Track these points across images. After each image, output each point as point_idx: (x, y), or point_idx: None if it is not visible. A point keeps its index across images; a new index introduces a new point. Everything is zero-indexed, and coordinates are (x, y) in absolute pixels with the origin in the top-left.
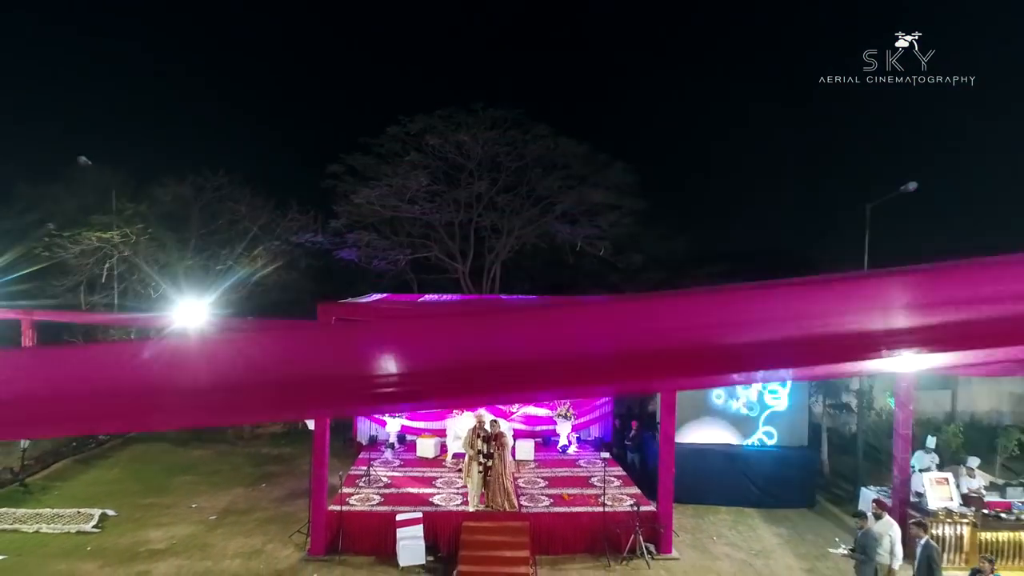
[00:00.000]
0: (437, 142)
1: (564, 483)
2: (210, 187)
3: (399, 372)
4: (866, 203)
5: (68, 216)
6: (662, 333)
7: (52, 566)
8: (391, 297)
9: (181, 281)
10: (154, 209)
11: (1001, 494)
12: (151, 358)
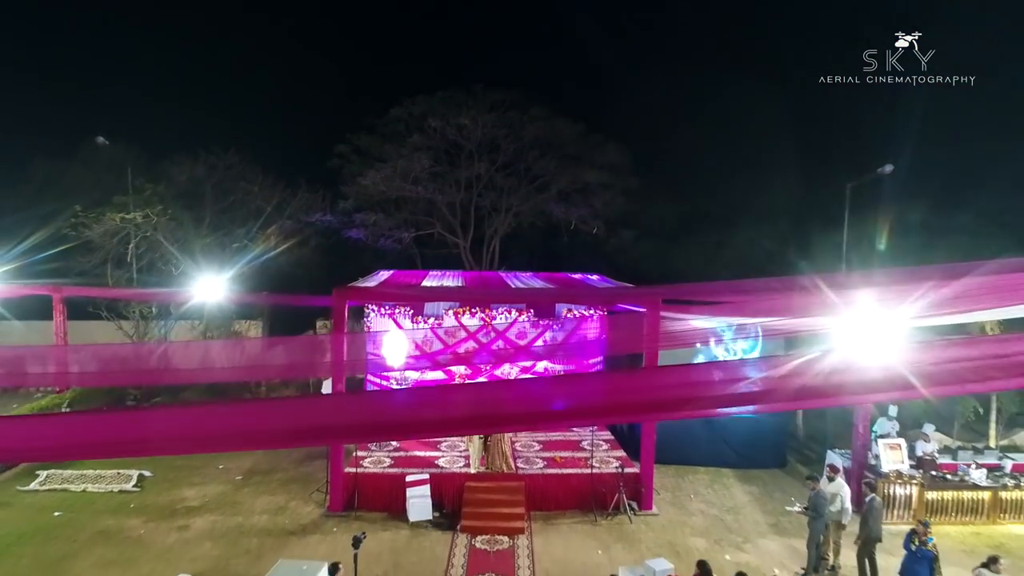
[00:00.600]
0: (439, 124)
1: (556, 447)
2: (222, 166)
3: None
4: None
5: (86, 193)
6: (640, 392)
7: (102, 521)
8: (397, 275)
9: (199, 258)
10: (170, 188)
11: (953, 457)
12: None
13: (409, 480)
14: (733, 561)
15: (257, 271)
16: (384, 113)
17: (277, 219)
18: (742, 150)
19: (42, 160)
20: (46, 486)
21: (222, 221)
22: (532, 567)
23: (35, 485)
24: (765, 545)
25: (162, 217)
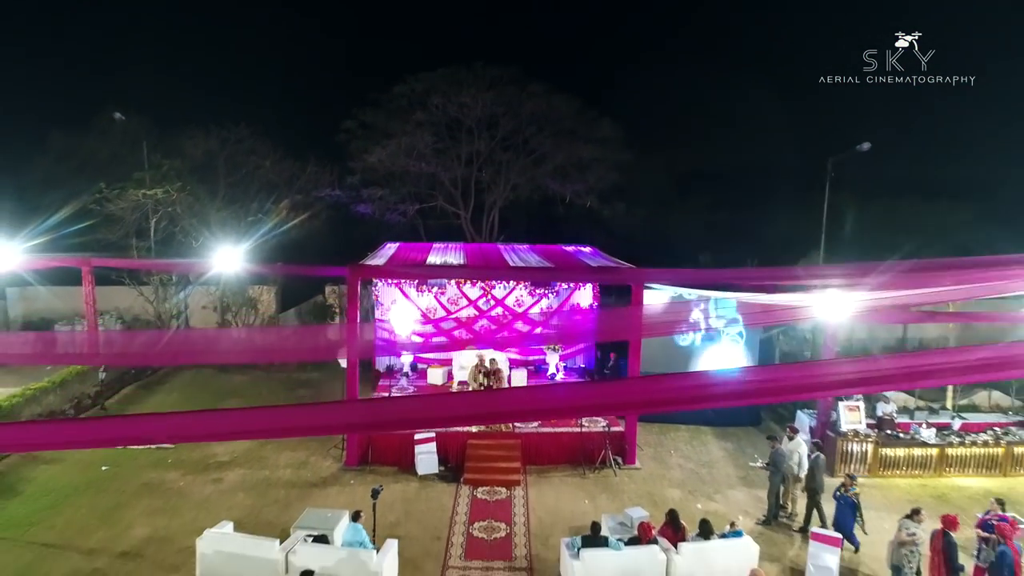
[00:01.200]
0: (440, 102)
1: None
2: (233, 139)
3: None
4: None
5: (102, 165)
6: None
7: (145, 475)
8: (403, 247)
9: (216, 230)
10: (185, 163)
11: (910, 416)
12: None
13: (417, 438)
14: (703, 509)
15: (270, 242)
16: (388, 89)
17: (288, 193)
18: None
19: (58, 132)
20: None
21: (236, 194)
22: (527, 514)
23: None
24: (733, 496)
25: (181, 193)
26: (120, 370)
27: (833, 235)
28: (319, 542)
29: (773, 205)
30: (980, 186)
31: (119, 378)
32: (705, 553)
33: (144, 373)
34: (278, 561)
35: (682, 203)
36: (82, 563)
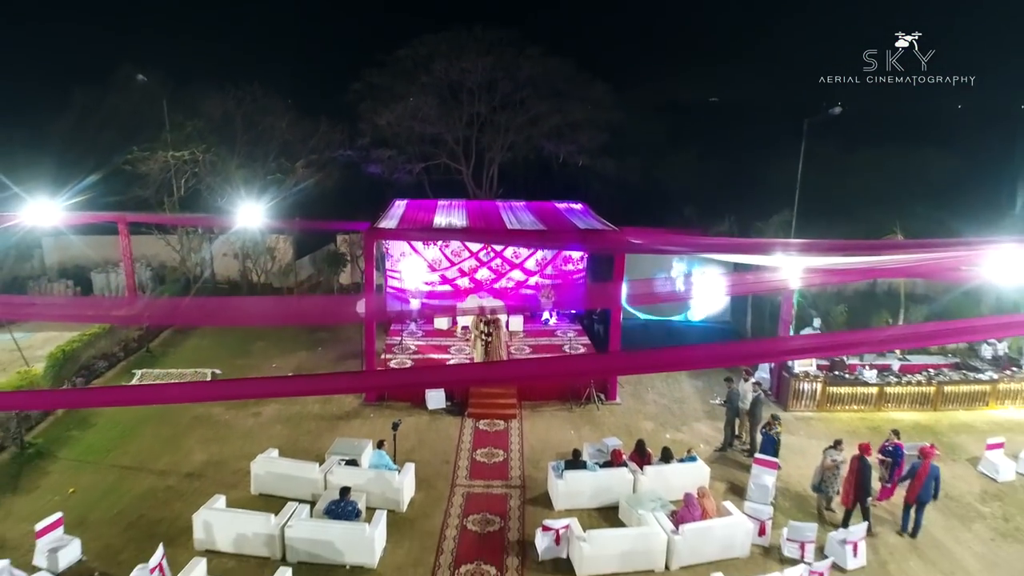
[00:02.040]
0: (443, 66)
1: (544, 350)
2: (249, 98)
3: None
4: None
5: (124, 121)
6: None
7: (195, 410)
8: (411, 205)
9: (238, 188)
10: (207, 123)
11: (860, 359)
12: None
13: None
14: (671, 439)
15: (288, 199)
16: (393, 51)
17: (303, 152)
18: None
19: (81, 88)
20: (144, 382)
21: (254, 152)
22: (521, 442)
23: (136, 381)
24: (698, 428)
25: (205, 154)
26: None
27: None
28: (350, 465)
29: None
30: (965, 135)
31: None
32: (664, 474)
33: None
34: (318, 480)
35: (674, 151)
36: (156, 482)
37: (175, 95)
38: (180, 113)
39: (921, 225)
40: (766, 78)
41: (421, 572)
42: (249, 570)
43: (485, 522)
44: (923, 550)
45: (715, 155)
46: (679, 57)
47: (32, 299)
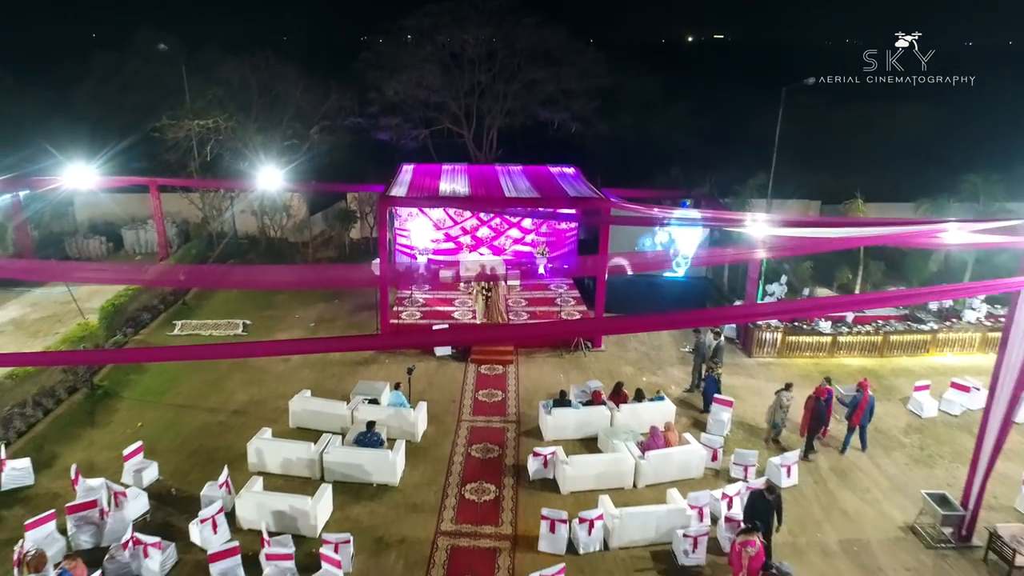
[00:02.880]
0: (445, 37)
1: (538, 303)
2: (264, 65)
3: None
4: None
5: (144, 84)
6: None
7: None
8: (418, 169)
9: (259, 153)
10: (224, 90)
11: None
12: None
13: (435, 328)
14: (647, 381)
15: (303, 163)
16: (398, 20)
17: (315, 118)
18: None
19: (101, 53)
20: (184, 332)
21: (269, 117)
22: (517, 384)
23: (177, 331)
24: (671, 372)
25: (228, 122)
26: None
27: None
28: (372, 403)
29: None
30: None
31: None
32: (636, 411)
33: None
34: (346, 416)
35: (667, 105)
36: (208, 417)
37: (191, 60)
38: (197, 77)
39: (901, 179)
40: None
41: (434, 489)
42: (295, 487)
43: (486, 450)
44: (847, 472)
45: (706, 110)
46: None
47: (96, 265)
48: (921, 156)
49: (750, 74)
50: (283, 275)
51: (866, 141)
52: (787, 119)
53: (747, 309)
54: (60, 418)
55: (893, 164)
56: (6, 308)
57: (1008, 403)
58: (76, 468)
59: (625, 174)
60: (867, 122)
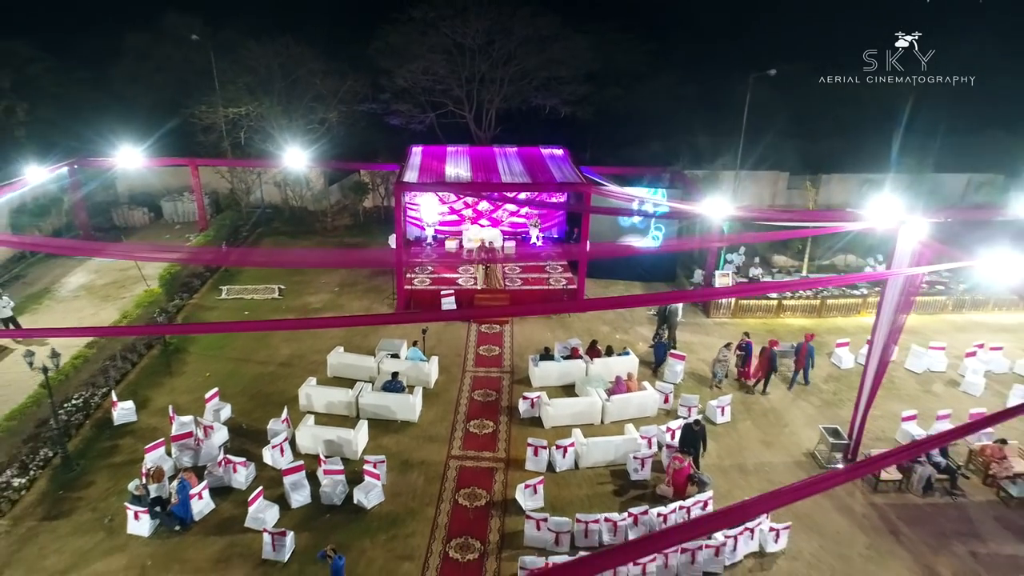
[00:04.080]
0: (449, 28)
1: (530, 270)
2: (286, 52)
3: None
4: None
5: (176, 66)
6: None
7: (271, 316)
8: (426, 150)
9: (285, 135)
10: (249, 75)
11: (772, 277)
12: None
13: (443, 293)
14: (620, 338)
15: (323, 144)
16: (406, 10)
17: (332, 103)
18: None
19: (133, 35)
20: (230, 296)
21: (291, 100)
22: (511, 341)
23: (224, 295)
24: (639, 330)
25: (258, 109)
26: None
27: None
28: (394, 357)
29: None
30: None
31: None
32: (607, 364)
33: (241, 244)
34: (373, 367)
35: (654, 77)
36: (261, 368)
37: (214, 40)
38: (223, 60)
39: (877, 147)
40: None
41: (445, 424)
42: (337, 422)
43: (486, 395)
44: (771, 412)
45: (692, 80)
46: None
47: (154, 245)
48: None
49: (736, 45)
50: (312, 256)
51: (844, 110)
52: (772, 86)
53: (701, 292)
54: (145, 369)
55: (868, 132)
56: (75, 275)
57: (880, 355)
58: (172, 408)
59: (612, 144)
60: (846, 90)
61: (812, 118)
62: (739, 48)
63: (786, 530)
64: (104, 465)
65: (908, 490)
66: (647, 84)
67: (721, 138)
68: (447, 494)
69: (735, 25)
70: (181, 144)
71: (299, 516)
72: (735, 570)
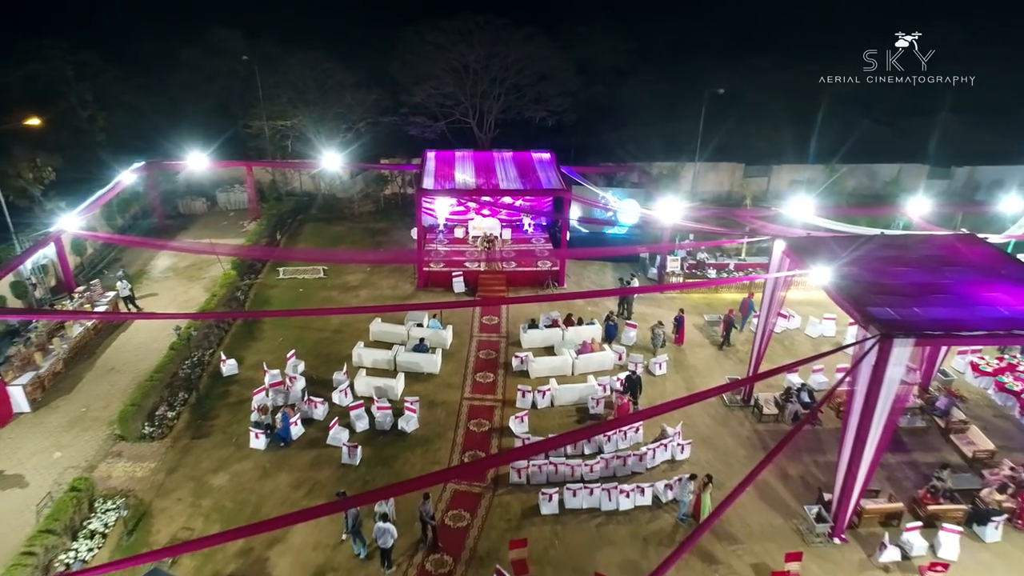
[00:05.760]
0: (458, 51)
1: (521, 254)
2: (320, 68)
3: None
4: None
5: (224, 77)
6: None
7: (320, 293)
8: (439, 155)
9: (324, 141)
10: (289, 89)
11: (715, 259)
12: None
13: (454, 275)
14: (591, 310)
15: (355, 153)
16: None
17: (359, 113)
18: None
19: (186, 49)
20: (286, 276)
21: (325, 111)
22: (507, 312)
23: (281, 275)
24: (607, 304)
25: (300, 121)
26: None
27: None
28: (419, 327)
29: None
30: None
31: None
32: (578, 331)
33: (287, 230)
34: (404, 333)
35: (634, 73)
36: (319, 334)
37: (252, 50)
38: (264, 71)
39: (833, 136)
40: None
41: (459, 375)
42: (381, 374)
43: (488, 354)
44: (699, 368)
45: (667, 78)
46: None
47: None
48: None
49: (715, 42)
50: (353, 255)
51: (804, 102)
52: (740, 79)
53: (649, 288)
54: (234, 335)
55: (825, 122)
56: (161, 257)
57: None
58: (265, 364)
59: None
60: (813, 83)
61: (774, 110)
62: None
63: (689, 445)
64: (223, 404)
65: (782, 421)
66: (627, 80)
67: (692, 128)
68: (461, 423)
69: (709, 17)
70: (234, 146)
71: (362, 437)
72: (654, 472)
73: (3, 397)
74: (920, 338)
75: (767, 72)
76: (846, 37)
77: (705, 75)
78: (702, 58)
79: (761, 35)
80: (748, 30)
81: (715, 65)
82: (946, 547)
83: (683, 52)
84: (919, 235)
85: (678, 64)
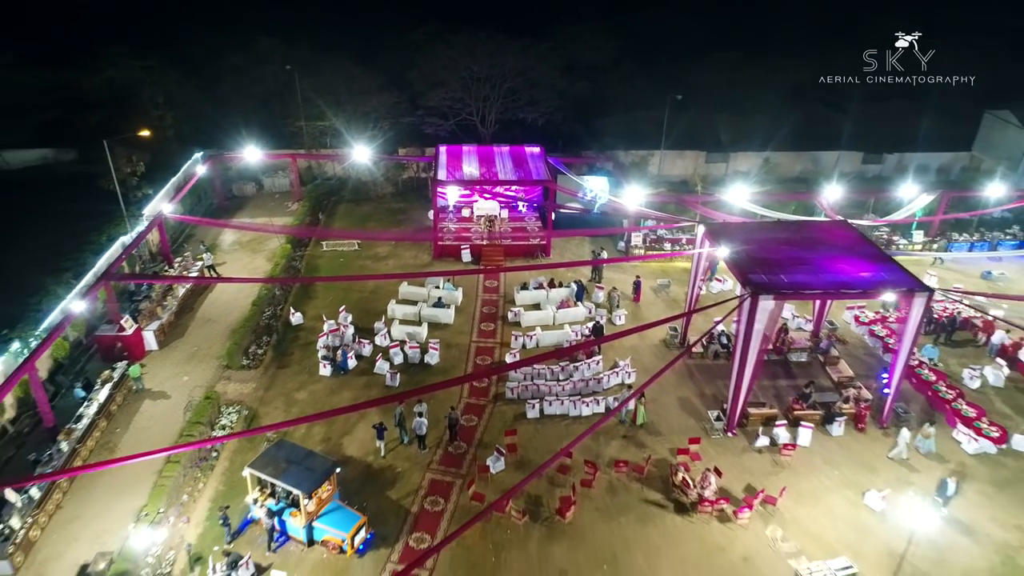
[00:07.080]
0: (466, 63)
1: (516, 231)
2: (350, 76)
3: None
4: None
5: (268, 82)
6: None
7: (358, 262)
8: (449, 149)
9: (354, 135)
10: (323, 95)
11: (672, 234)
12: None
13: (462, 247)
14: (571, 275)
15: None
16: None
17: (382, 114)
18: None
19: (235, 55)
20: (328, 248)
21: (354, 111)
22: (505, 278)
23: (325, 248)
24: (584, 271)
25: (333, 122)
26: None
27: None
28: (436, 288)
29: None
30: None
31: (313, 212)
32: (559, 292)
33: (325, 210)
34: (425, 294)
35: (616, 69)
36: (359, 295)
37: (289, 58)
38: (302, 74)
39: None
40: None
41: (468, 325)
42: (409, 323)
43: (490, 308)
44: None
45: (645, 72)
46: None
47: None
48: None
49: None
50: (383, 234)
51: (766, 93)
52: (711, 71)
53: (616, 259)
54: (295, 295)
55: (784, 112)
56: (227, 233)
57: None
58: (324, 315)
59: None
60: (776, 76)
61: (739, 97)
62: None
63: (635, 372)
64: (296, 345)
65: (707, 357)
66: (609, 76)
67: (668, 117)
68: (471, 359)
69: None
70: (279, 139)
71: (399, 368)
72: (609, 391)
73: (140, 339)
74: (777, 295)
75: (736, 65)
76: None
77: (679, 69)
78: (677, 52)
79: (732, 29)
80: (721, 24)
81: (689, 60)
82: (802, 437)
83: (663, 46)
84: (806, 220)
85: (656, 58)
